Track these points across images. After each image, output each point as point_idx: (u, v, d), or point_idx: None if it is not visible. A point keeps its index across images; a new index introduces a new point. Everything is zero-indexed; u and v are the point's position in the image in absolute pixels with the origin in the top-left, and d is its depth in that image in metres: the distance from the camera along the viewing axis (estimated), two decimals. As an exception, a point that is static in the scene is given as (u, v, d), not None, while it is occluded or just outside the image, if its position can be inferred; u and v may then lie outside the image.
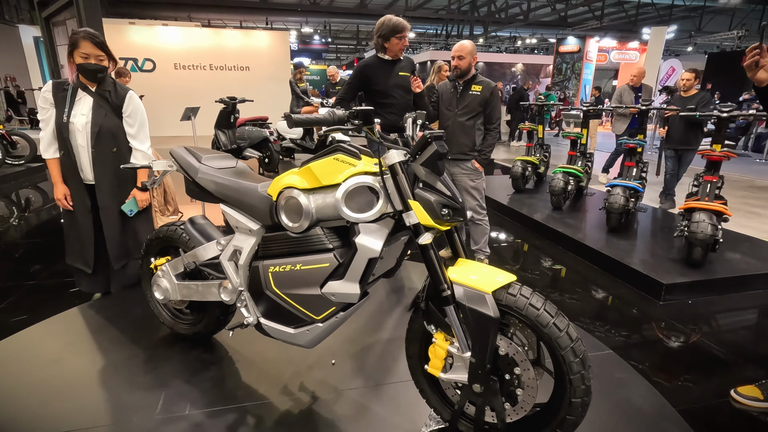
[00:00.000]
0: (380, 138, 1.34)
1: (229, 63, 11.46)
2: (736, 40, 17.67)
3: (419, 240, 1.29)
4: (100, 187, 2.33)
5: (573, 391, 1.25)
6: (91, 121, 2.23)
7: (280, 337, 1.64)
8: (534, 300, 1.27)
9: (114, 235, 2.40)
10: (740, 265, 3.05)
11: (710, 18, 19.16)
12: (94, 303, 2.51)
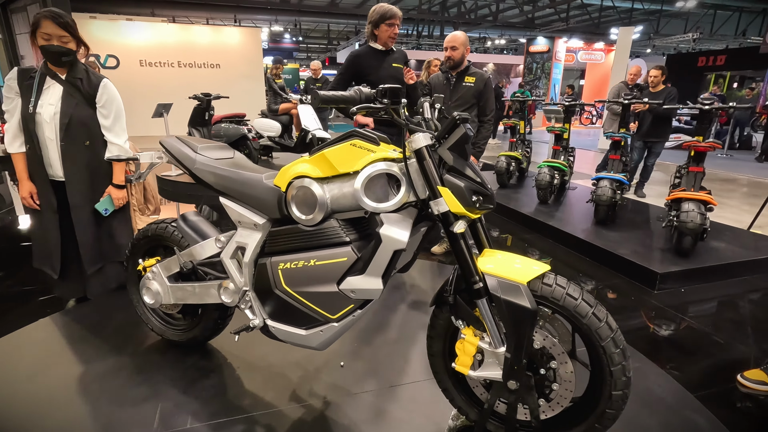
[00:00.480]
0: (406, 120, 1.25)
1: (198, 60, 11.07)
2: (691, 42, 18.55)
3: (453, 228, 1.21)
4: (70, 184, 2.12)
5: (614, 384, 1.19)
6: (60, 111, 2.02)
7: (289, 339, 1.52)
8: (571, 290, 1.21)
9: (87, 237, 2.20)
10: (726, 254, 3.13)
11: (666, 21, 20.11)
12: (70, 311, 2.30)
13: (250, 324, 1.54)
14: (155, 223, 1.82)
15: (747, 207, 5.20)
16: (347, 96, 1.24)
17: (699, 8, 16.95)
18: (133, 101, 9.12)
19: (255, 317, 1.55)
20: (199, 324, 1.84)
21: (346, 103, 1.25)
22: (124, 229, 2.36)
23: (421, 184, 1.27)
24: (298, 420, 1.54)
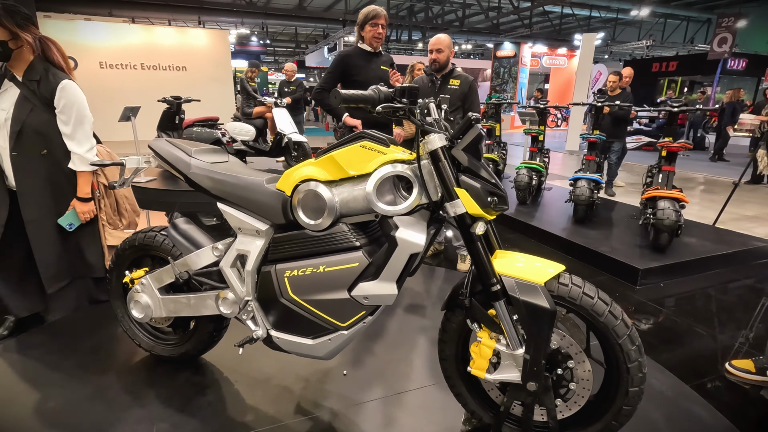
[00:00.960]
0: (421, 121, 1.23)
1: (163, 62, 10.71)
2: (645, 49, 19.59)
3: (473, 230, 1.19)
4: (23, 197, 1.94)
5: (630, 380, 1.20)
6: (12, 117, 1.85)
7: (294, 350, 1.46)
8: (587, 289, 1.22)
9: (45, 254, 2.03)
10: (698, 249, 3.28)
11: (622, 29, 21.15)
12: (43, 328, 2.13)
13: (253, 335, 1.47)
14: (142, 231, 1.72)
15: (707, 204, 5.49)
16: (367, 95, 1.20)
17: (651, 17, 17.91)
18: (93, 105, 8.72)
19: (258, 328, 1.48)
20: (192, 337, 1.74)
21: (366, 103, 1.21)
22: (91, 245, 2.17)
23: (434, 186, 1.25)
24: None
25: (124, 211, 2.37)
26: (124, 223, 2.37)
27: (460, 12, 18.22)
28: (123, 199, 2.36)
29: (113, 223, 2.32)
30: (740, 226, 4.28)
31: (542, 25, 20.40)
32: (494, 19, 16.85)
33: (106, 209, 2.24)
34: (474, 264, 1.24)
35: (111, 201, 2.28)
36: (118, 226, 2.34)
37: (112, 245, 2.22)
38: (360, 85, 2.88)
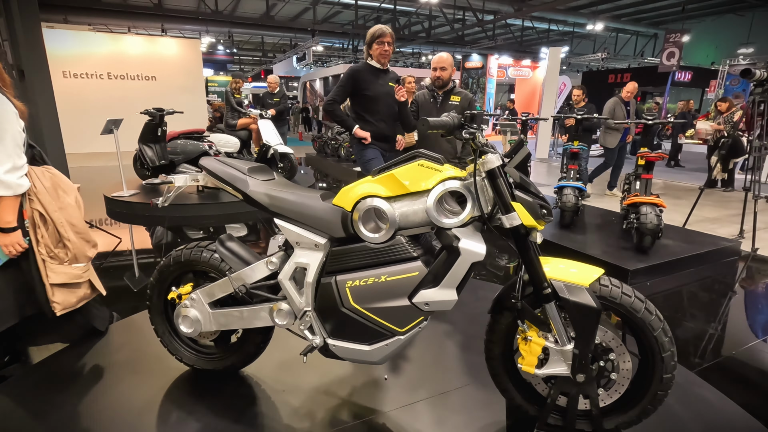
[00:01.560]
0: (482, 143, 1.35)
1: (131, 71, 10.41)
2: (600, 61, 20.82)
3: (533, 239, 1.33)
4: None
5: (665, 368, 1.37)
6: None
7: (350, 356, 1.55)
8: (625, 289, 1.38)
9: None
10: (676, 249, 3.58)
11: (579, 42, 22.39)
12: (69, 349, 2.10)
13: (313, 344, 1.54)
14: (187, 248, 1.75)
15: (672, 207, 5.93)
16: (447, 122, 1.32)
17: (604, 31, 19.07)
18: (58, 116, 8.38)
19: (315, 337, 1.55)
20: (239, 349, 1.78)
21: (445, 128, 1.33)
22: (36, 282, 1.84)
23: (485, 200, 1.38)
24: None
25: (66, 241, 1.90)
26: (68, 255, 1.93)
27: (426, 23, 18.73)
28: (65, 228, 1.90)
29: (56, 256, 1.90)
30: (705, 228, 4.67)
31: (505, 37, 21.32)
32: (459, 31, 17.38)
33: (45, 241, 1.84)
34: (527, 270, 1.38)
35: (51, 231, 1.85)
36: (63, 260, 1.92)
37: (58, 283, 1.89)
38: (369, 99, 3.01)
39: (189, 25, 18.65)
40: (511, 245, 1.45)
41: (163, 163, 5.58)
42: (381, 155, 3.13)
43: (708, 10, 17.09)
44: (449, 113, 1.36)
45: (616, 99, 5.96)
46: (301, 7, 18.25)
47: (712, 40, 19.68)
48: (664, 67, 13.72)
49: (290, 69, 21.75)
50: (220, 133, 6.32)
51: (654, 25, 19.49)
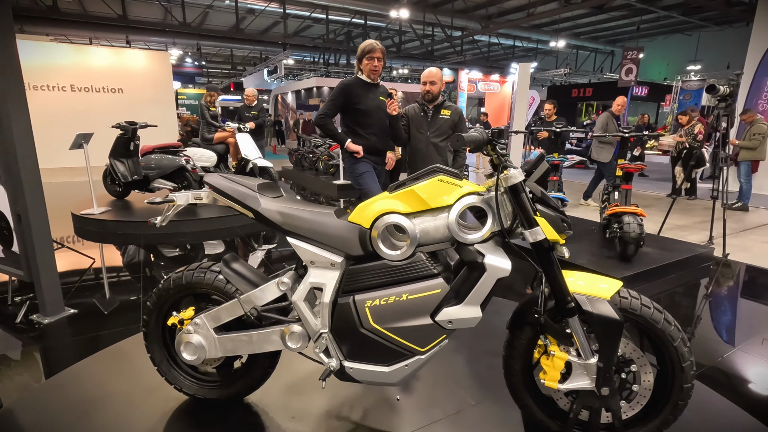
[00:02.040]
0: (505, 158, 1.35)
1: (96, 84, 10.02)
2: (563, 76, 21.75)
3: (561, 254, 1.33)
4: None
5: (685, 377, 1.39)
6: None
7: (368, 378, 1.50)
8: (644, 301, 1.40)
9: None
10: (657, 257, 3.71)
11: (542, 58, 23.32)
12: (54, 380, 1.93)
13: (330, 367, 1.48)
14: (189, 269, 1.65)
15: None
16: (477, 137, 1.30)
17: (566, 48, 19.97)
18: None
19: (331, 360, 1.49)
20: (245, 375, 1.69)
21: (477, 143, 1.31)
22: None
23: (505, 215, 1.38)
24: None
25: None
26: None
27: (396, 38, 19.04)
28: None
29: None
30: (676, 235, 4.88)
31: (473, 53, 21.95)
32: (428, 46, 17.77)
33: None
34: (550, 284, 1.38)
35: None
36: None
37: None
38: (360, 113, 2.99)
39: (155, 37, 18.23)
40: (529, 260, 1.45)
41: (136, 178, 5.35)
42: (373, 169, 3.11)
43: (659, 30, 18.20)
44: (477, 129, 1.35)
45: (607, 114, 5.97)
46: (271, 21, 18.19)
47: (663, 58, 20.93)
48: (623, 82, 14.45)
49: (261, 82, 21.50)
50: (196, 147, 6.13)
51: (610, 43, 20.57)
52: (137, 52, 11.12)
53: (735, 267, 4.03)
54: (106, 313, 2.84)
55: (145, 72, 10.61)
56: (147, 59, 10.76)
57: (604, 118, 5.95)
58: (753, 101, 7.42)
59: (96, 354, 2.16)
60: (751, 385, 2.19)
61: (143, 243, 4.43)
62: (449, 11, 14.29)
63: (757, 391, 2.14)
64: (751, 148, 6.18)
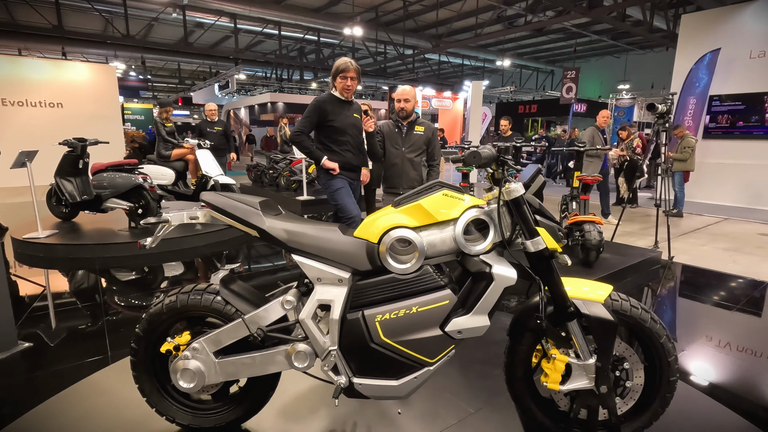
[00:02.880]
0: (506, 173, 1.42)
1: (32, 98, 9.33)
2: (509, 93, 22.96)
3: (563, 262, 1.41)
4: None
5: (671, 371, 1.51)
6: None
7: (377, 393, 1.50)
8: (633, 302, 1.51)
9: None
10: (614, 262, 3.98)
11: (489, 76, 24.51)
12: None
13: (339, 384, 1.46)
14: (182, 292, 1.58)
15: (593, 224, 6.59)
16: (490, 154, 1.36)
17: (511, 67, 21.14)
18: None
19: (340, 377, 1.48)
20: (245, 399, 1.63)
21: (489, 158, 1.36)
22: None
23: (505, 227, 1.45)
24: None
25: None
26: None
27: (349, 55, 19.30)
28: None
29: None
30: (625, 240, 5.25)
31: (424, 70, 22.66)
32: (381, 63, 18.14)
33: None
34: (550, 290, 1.46)
35: None
36: None
37: None
38: (335, 130, 3.01)
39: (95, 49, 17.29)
40: (528, 269, 1.52)
41: (86, 198, 5.02)
42: (348, 185, 3.13)
43: (592, 52, 19.76)
44: (487, 146, 1.41)
45: (593, 128, 5.89)
46: (221, 35, 17.82)
47: (597, 77, 22.66)
48: (564, 99, 15.47)
49: (212, 97, 20.90)
50: (152, 164, 5.86)
51: (550, 63, 22.04)
52: (79, 64, 10.49)
53: (679, 268, 4.40)
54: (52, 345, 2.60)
55: (88, 86, 10.03)
56: (90, 72, 10.18)
57: (590, 132, 5.90)
58: (680, 118, 8.21)
59: (63, 392, 1.98)
60: (709, 372, 2.40)
61: (99, 267, 4.14)
62: (401, 30, 14.71)
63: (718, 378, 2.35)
64: (683, 159, 6.81)
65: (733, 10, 7.88)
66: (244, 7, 11.83)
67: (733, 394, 2.19)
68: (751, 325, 3.11)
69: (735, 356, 2.57)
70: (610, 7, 9.08)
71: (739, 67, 7.64)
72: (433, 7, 12.72)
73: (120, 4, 11.68)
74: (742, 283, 3.92)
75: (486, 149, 1.38)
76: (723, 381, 2.33)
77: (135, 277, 4.02)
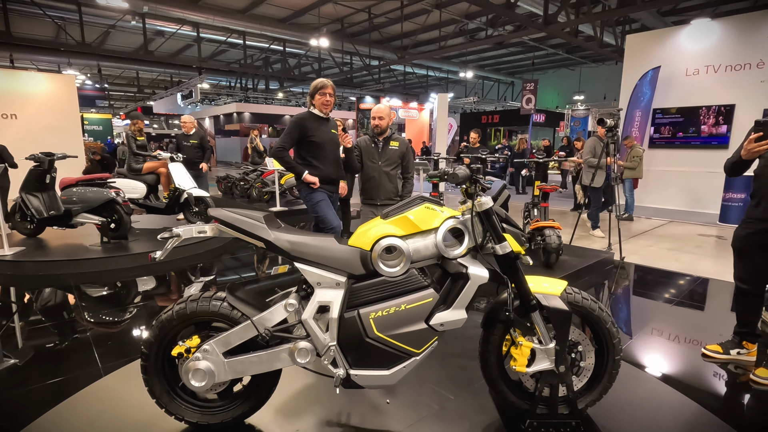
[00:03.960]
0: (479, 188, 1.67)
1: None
2: (473, 104, 23.80)
3: (525, 263, 1.67)
4: None
5: (616, 351, 1.80)
6: None
7: (370, 383, 1.71)
8: (584, 295, 1.80)
9: None
10: (573, 263, 4.36)
11: (453, 87, 25.32)
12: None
13: (338, 376, 1.66)
14: (191, 300, 1.73)
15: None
16: (464, 173, 1.60)
17: (474, 78, 21.94)
18: None
19: (339, 369, 1.68)
20: (251, 395, 1.79)
21: (464, 179, 1.61)
22: None
23: (477, 234, 1.71)
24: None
25: None
26: None
27: (315, 65, 19.43)
28: None
29: None
30: (582, 243, 5.69)
31: (390, 81, 23.14)
32: (347, 74, 18.39)
33: None
34: (516, 287, 1.72)
35: None
36: None
37: None
38: (314, 145, 3.22)
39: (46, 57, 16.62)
40: (497, 270, 1.78)
41: (54, 213, 4.95)
42: (328, 197, 3.33)
43: (549, 65, 20.85)
44: (461, 167, 1.66)
45: (595, 138, 5.74)
46: (183, 43, 17.47)
47: (554, 88, 23.87)
48: (524, 110, 16.26)
49: (174, 107, 20.49)
50: (122, 178, 5.83)
51: (510, 75, 23.05)
52: (36, 74, 10.14)
53: (630, 267, 4.84)
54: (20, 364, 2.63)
55: (44, 96, 9.71)
56: (47, 82, 9.86)
57: (591, 143, 5.78)
58: (628, 129, 8.91)
59: (67, 400, 2.07)
60: (654, 356, 2.75)
61: (73, 283, 4.12)
62: (366, 41, 15.03)
63: (661, 361, 2.70)
64: (632, 168, 7.41)
65: (670, 32, 8.68)
66: (208, 17, 11.72)
67: (674, 374, 2.54)
68: (690, 316, 3.54)
69: (676, 342, 2.95)
70: (564, 23, 9.73)
71: (677, 84, 8.41)
72: (397, 19, 13.10)
73: (74, 10, 11.35)
74: (683, 279, 4.39)
75: (461, 170, 1.64)
76: (665, 363, 2.69)
77: (107, 292, 4.00)
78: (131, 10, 11.02)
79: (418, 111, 17.15)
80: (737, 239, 2.57)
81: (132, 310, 3.56)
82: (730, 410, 2.24)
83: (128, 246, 4.91)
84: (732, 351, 2.66)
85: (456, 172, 1.61)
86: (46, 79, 9.94)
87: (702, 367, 2.62)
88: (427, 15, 12.82)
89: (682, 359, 2.74)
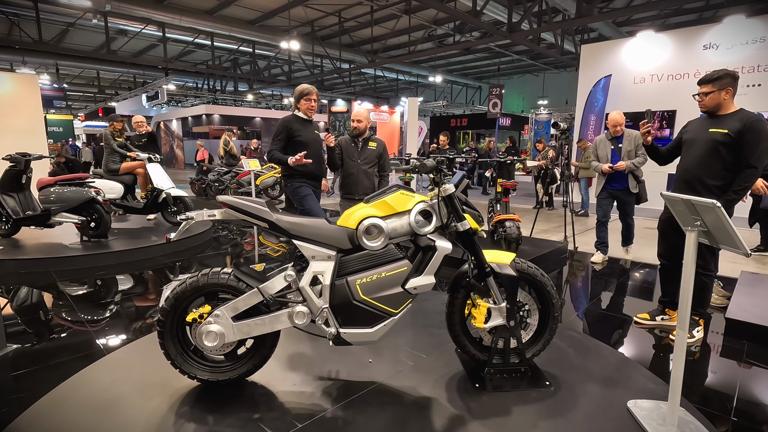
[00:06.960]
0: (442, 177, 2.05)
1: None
2: (442, 108, 24.50)
3: (480, 235, 2.06)
4: None
5: (555, 309, 2.22)
6: None
7: (357, 339, 2.05)
8: (529, 264, 2.21)
9: None
10: (531, 252, 4.83)
11: (423, 90, 25.94)
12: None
13: (328, 335, 2.00)
14: (202, 274, 2.02)
15: (516, 223, 7.58)
16: (432, 164, 1.97)
17: (442, 82, 22.61)
18: None
19: (330, 328, 2.01)
20: (254, 355, 2.10)
21: (431, 168, 1.98)
22: None
23: (442, 215, 2.09)
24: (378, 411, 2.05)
25: None
26: None
27: (285, 67, 19.52)
28: None
29: None
30: (542, 236, 6.22)
31: (360, 84, 23.50)
32: (318, 77, 18.57)
33: None
34: (475, 258, 2.11)
35: None
36: None
37: None
38: (301, 145, 3.54)
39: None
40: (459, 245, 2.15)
41: (30, 213, 5.02)
42: (313, 191, 3.65)
43: (514, 70, 21.78)
44: (429, 158, 2.03)
45: (602, 137, 4.92)
46: (147, 43, 17.05)
47: (519, 93, 24.89)
48: (491, 114, 16.97)
49: (139, 108, 20.04)
50: (99, 178, 5.91)
51: (478, 79, 23.88)
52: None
53: (581, 256, 5.38)
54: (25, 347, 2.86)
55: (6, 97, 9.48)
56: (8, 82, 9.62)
57: (595, 143, 4.99)
58: (584, 132, 9.63)
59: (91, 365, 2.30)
60: (595, 323, 3.22)
61: (57, 280, 4.24)
62: (337, 45, 15.31)
63: (601, 326, 3.17)
64: (586, 168, 8.07)
65: (620, 43, 9.46)
66: (174, 17, 11.56)
67: (609, 336, 3.02)
68: (629, 293, 4.06)
69: (614, 313, 3.44)
70: (527, 31, 10.36)
71: (626, 91, 9.18)
72: (367, 24, 13.45)
73: (30, 7, 11.04)
74: (627, 264, 4.95)
75: (429, 161, 2.01)
76: (603, 330, 3.16)
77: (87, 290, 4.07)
78: (93, 8, 10.72)
79: (390, 114, 17.56)
80: (660, 222, 3.08)
81: (124, 302, 3.75)
82: (654, 363, 2.71)
83: (108, 244, 5.02)
84: (657, 317, 3.17)
85: (425, 162, 1.98)
86: (7, 79, 9.70)
87: (634, 332, 3.11)
88: (396, 20, 13.23)
89: (617, 326, 3.22)
